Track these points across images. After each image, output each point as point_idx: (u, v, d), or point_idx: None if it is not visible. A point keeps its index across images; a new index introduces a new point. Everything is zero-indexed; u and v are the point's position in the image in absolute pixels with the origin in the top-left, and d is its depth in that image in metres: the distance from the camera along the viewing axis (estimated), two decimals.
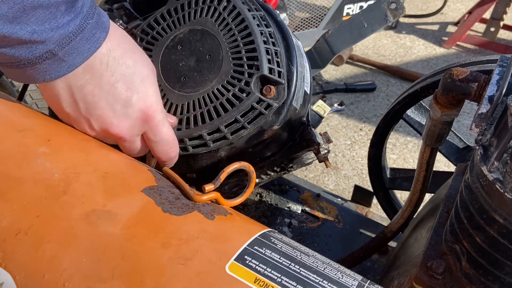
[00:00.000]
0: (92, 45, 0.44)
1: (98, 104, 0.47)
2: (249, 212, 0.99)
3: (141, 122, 0.50)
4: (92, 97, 0.47)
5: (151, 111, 0.50)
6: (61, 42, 0.42)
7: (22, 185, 0.39)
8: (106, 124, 0.49)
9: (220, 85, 0.57)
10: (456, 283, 0.46)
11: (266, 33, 0.59)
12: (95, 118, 0.48)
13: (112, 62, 0.46)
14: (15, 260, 0.35)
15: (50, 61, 0.43)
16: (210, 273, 0.35)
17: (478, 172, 0.41)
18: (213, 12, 0.59)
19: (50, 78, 0.45)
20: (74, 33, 0.43)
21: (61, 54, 0.43)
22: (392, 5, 0.76)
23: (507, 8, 3.02)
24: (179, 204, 0.41)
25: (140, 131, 0.51)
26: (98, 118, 0.48)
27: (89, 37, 0.44)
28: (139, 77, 0.49)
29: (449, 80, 0.47)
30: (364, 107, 2.49)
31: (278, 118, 0.58)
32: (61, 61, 0.43)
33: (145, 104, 0.49)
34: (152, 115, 0.50)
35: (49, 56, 0.42)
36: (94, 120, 0.48)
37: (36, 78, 0.45)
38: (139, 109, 0.49)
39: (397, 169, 1.05)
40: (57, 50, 0.42)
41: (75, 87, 0.46)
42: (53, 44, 0.42)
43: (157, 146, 0.52)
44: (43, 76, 0.44)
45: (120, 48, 0.48)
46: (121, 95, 0.47)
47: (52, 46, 0.42)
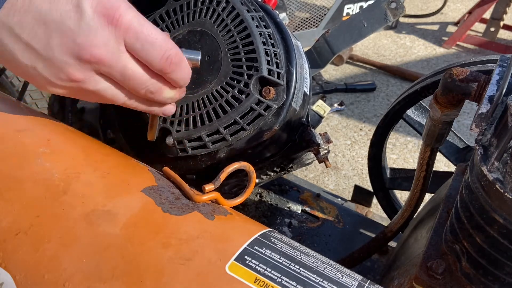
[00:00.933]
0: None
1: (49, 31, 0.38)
2: (249, 212, 0.99)
3: (109, 30, 0.39)
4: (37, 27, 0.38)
5: (113, 9, 0.39)
6: None
7: (22, 185, 0.39)
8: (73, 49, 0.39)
9: (219, 87, 0.57)
10: (456, 283, 0.46)
11: (265, 34, 0.59)
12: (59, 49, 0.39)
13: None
14: (15, 260, 0.35)
15: None
16: (210, 273, 0.35)
17: (478, 172, 0.41)
18: (212, 13, 0.59)
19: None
20: None
21: None
22: (392, 4, 0.76)
23: (507, 8, 3.02)
24: (179, 204, 0.41)
25: (118, 43, 0.40)
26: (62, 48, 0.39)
27: None
28: None
29: (449, 80, 0.47)
30: (364, 107, 2.49)
31: (277, 119, 0.58)
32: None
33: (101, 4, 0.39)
34: (116, 13, 0.39)
35: None
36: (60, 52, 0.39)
37: None
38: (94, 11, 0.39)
39: (397, 169, 1.05)
40: None
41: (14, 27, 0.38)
42: None
43: (147, 53, 0.41)
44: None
45: None
46: (66, 6, 0.38)
47: None
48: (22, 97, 0.72)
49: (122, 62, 0.41)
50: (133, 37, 0.41)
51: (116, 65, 0.41)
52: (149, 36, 0.41)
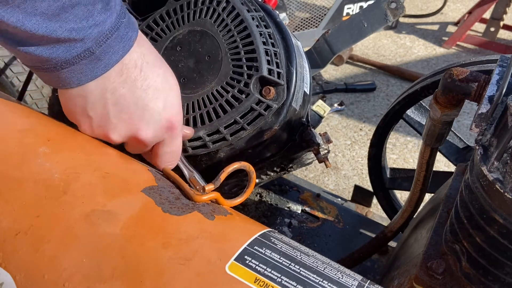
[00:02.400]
0: (126, 43, 0.44)
1: (128, 108, 0.46)
2: (249, 212, 0.99)
3: (165, 131, 0.49)
4: (123, 101, 0.46)
5: (176, 121, 0.50)
6: (98, 40, 0.42)
7: (22, 185, 0.39)
8: (134, 129, 0.48)
9: (220, 86, 0.57)
10: (456, 283, 0.46)
11: (265, 34, 0.59)
12: (123, 122, 0.47)
13: (146, 67, 0.46)
14: (15, 260, 0.35)
15: (87, 60, 0.42)
16: (210, 273, 0.35)
17: (478, 172, 0.41)
18: (212, 13, 0.59)
19: (86, 80, 0.44)
20: (110, 30, 0.42)
21: (98, 52, 0.42)
22: (392, 4, 0.76)
23: (507, 8, 3.02)
24: (179, 204, 0.41)
25: (160, 138, 0.50)
26: (126, 123, 0.47)
27: (123, 35, 0.43)
28: (168, 86, 0.49)
29: (449, 80, 0.47)
30: (364, 107, 2.49)
31: (277, 119, 0.58)
32: (97, 60, 0.43)
33: (171, 113, 0.49)
34: (176, 125, 0.50)
35: (86, 55, 0.42)
36: (122, 124, 0.47)
37: (71, 81, 0.44)
38: (166, 117, 0.48)
39: (397, 169, 1.05)
40: (95, 48, 0.42)
41: (108, 90, 0.45)
42: (91, 42, 0.41)
43: (166, 155, 0.52)
44: (78, 79, 0.43)
45: (151, 54, 0.47)
46: (151, 102, 0.47)
47: (90, 44, 0.41)
48: (22, 97, 0.72)
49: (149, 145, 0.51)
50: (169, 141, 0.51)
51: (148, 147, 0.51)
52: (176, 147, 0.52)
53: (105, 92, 0.45)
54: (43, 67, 0.43)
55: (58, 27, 0.39)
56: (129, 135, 0.49)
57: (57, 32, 0.39)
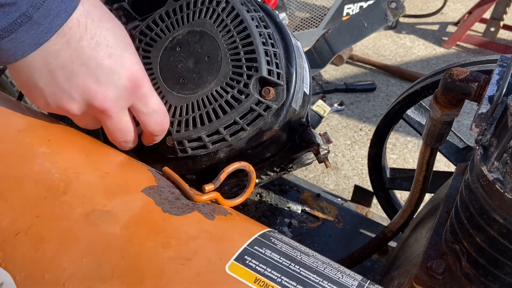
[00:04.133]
0: (68, 4, 0.40)
1: (78, 71, 0.42)
2: (249, 212, 0.99)
3: (128, 92, 0.45)
4: (71, 64, 0.42)
5: (139, 79, 0.45)
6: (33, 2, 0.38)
7: (22, 185, 0.39)
8: (89, 94, 0.43)
9: (219, 87, 0.57)
10: (456, 283, 0.46)
11: (265, 34, 0.59)
12: (76, 88, 0.43)
13: (91, 24, 0.42)
14: (15, 260, 0.35)
15: (25, 26, 0.39)
16: (210, 273, 0.35)
17: (478, 172, 0.41)
18: (211, 13, 0.59)
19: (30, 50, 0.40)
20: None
21: (36, 16, 0.39)
22: (392, 4, 0.76)
23: (507, 8, 3.02)
24: (179, 204, 0.41)
25: (127, 103, 0.46)
26: (80, 88, 0.43)
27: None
28: (121, 43, 0.44)
29: (449, 80, 0.47)
30: (364, 107, 2.49)
31: (277, 119, 0.58)
32: (37, 25, 0.39)
33: (131, 71, 0.45)
34: (140, 83, 0.46)
35: (24, 20, 0.38)
36: (75, 91, 0.43)
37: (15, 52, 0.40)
38: (125, 76, 0.44)
39: (397, 169, 1.05)
40: (31, 11, 0.38)
41: (50, 54, 0.41)
42: (25, 5, 0.38)
43: (149, 118, 0.48)
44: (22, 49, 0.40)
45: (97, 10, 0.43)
46: (104, 61, 0.43)
47: (25, 7, 0.38)
48: (22, 97, 0.72)
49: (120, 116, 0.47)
50: (142, 105, 0.47)
51: (114, 117, 0.46)
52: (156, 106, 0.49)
53: (47, 57, 0.41)
54: None
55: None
56: (87, 102, 0.44)
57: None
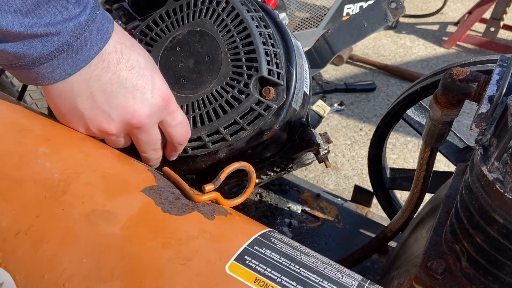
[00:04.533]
0: (103, 35, 0.45)
1: (117, 92, 0.46)
2: (249, 212, 0.99)
3: (160, 109, 0.49)
4: (110, 86, 0.46)
5: (168, 97, 0.50)
6: (75, 33, 0.42)
7: (22, 185, 0.39)
8: (127, 112, 0.47)
9: (219, 87, 0.57)
10: (456, 283, 0.46)
11: (265, 34, 0.59)
12: (116, 108, 0.47)
13: (125, 49, 0.47)
14: (15, 260, 0.35)
15: (65, 54, 0.43)
16: (210, 273, 0.35)
17: (478, 172, 0.41)
18: (212, 13, 0.59)
19: (67, 74, 0.44)
20: (86, 23, 0.43)
21: (76, 45, 0.43)
22: (392, 4, 0.76)
23: (507, 8, 3.02)
24: (179, 204, 0.41)
25: (158, 118, 0.50)
26: (119, 108, 0.47)
27: (99, 27, 0.44)
28: (150, 65, 0.49)
29: (449, 80, 0.47)
30: (364, 107, 2.49)
31: (277, 119, 0.58)
32: (76, 53, 0.43)
33: (162, 90, 0.49)
34: (170, 100, 0.50)
35: (64, 49, 0.42)
36: (115, 110, 0.47)
37: (51, 76, 0.44)
38: (157, 95, 0.49)
39: (397, 169, 1.05)
40: (72, 41, 0.42)
41: (92, 78, 0.45)
42: (68, 35, 0.42)
43: (176, 130, 0.53)
44: (58, 73, 0.44)
45: (127, 37, 0.48)
46: (139, 81, 0.47)
47: (67, 37, 0.42)
48: (22, 97, 0.72)
49: (152, 130, 0.51)
50: (171, 118, 0.52)
51: (148, 132, 0.51)
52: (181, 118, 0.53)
53: (89, 81, 0.45)
54: (20, 64, 0.43)
55: (33, 23, 0.40)
56: (125, 121, 0.48)
57: (33, 28, 0.40)
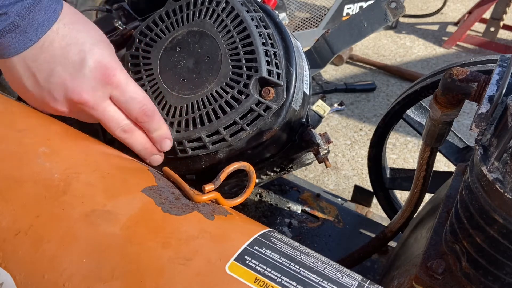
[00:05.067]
0: (51, 15, 0.46)
1: (54, 70, 0.48)
2: (249, 212, 0.99)
3: (102, 83, 0.49)
4: (47, 65, 0.48)
5: (110, 69, 0.49)
6: (21, 13, 0.44)
7: (22, 185, 0.39)
8: (66, 89, 0.48)
9: (219, 87, 0.57)
10: (456, 283, 0.46)
11: (265, 34, 0.59)
12: (55, 86, 0.48)
13: (62, 28, 0.48)
14: (15, 260, 0.35)
15: (13, 33, 0.45)
16: (210, 273, 0.35)
17: (478, 172, 0.41)
18: (211, 13, 0.59)
19: (15, 52, 0.46)
20: (32, 3, 0.45)
21: (22, 25, 0.45)
22: (392, 4, 0.76)
23: (507, 8, 3.02)
24: (179, 204, 0.41)
25: (104, 93, 0.50)
26: (58, 86, 0.48)
27: (46, 7, 0.46)
28: (92, 39, 0.49)
29: (449, 80, 0.47)
30: (364, 107, 2.49)
31: (277, 119, 0.58)
32: (23, 32, 0.45)
33: (100, 63, 0.49)
34: (112, 72, 0.49)
35: (11, 28, 0.45)
36: (54, 89, 0.49)
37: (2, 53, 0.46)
38: (95, 67, 0.48)
39: (397, 169, 1.05)
40: (19, 21, 0.45)
41: (29, 58, 0.47)
42: (14, 16, 0.44)
43: (129, 106, 0.51)
44: (8, 52, 0.46)
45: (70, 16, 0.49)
46: (75, 56, 0.48)
47: (14, 17, 0.44)
48: None
49: (103, 106, 0.50)
50: (119, 93, 0.51)
51: (97, 108, 0.50)
52: (132, 93, 0.51)
53: (27, 62, 0.48)
54: None
55: None
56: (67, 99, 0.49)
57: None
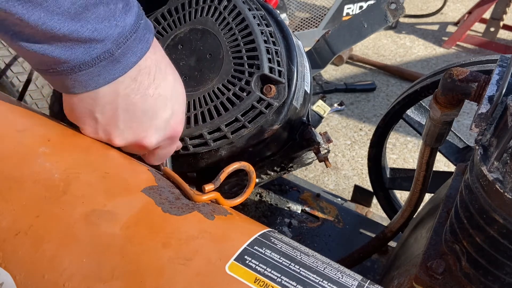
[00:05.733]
0: (143, 45, 0.42)
1: (138, 116, 0.46)
2: (249, 212, 0.99)
3: (168, 139, 0.50)
4: (134, 108, 0.45)
5: (179, 130, 0.50)
6: (118, 41, 0.40)
7: (22, 185, 0.39)
8: (139, 135, 0.47)
9: (221, 84, 0.57)
10: (456, 283, 0.46)
11: (266, 32, 0.59)
12: (130, 129, 0.46)
13: (158, 75, 0.45)
14: (15, 260, 0.35)
15: (105, 62, 0.40)
16: (210, 273, 0.35)
17: (478, 172, 0.41)
18: (213, 11, 0.59)
19: (103, 83, 0.42)
20: (130, 32, 0.41)
21: (117, 54, 0.40)
22: (392, 5, 0.76)
23: (507, 8, 3.02)
24: (179, 204, 0.41)
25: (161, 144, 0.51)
26: (133, 131, 0.47)
27: (141, 37, 0.42)
28: (176, 94, 0.48)
29: (449, 80, 0.47)
30: (364, 107, 2.49)
31: (278, 117, 0.58)
32: (116, 62, 0.41)
33: (177, 121, 0.49)
34: (179, 133, 0.50)
35: (106, 57, 0.40)
36: (129, 131, 0.47)
37: (87, 84, 0.42)
38: (172, 126, 0.49)
39: (397, 169, 1.05)
40: (115, 49, 0.40)
41: (121, 95, 0.44)
42: (111, 43, 0.40)
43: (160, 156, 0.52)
44: (95, 81, 0.42)
45: (164, 60, 0.47)
46: (160, 111, 0.47)
47: (110, 45, 0.40)
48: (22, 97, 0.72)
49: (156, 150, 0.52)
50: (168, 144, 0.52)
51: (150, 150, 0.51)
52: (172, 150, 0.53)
53: (117, 97, 0.44)
54: (58, 70, 0.40)
55: (80, 27, 0.37)
56: (133, 141, 0.48)
57: (79, 32, 0.37)
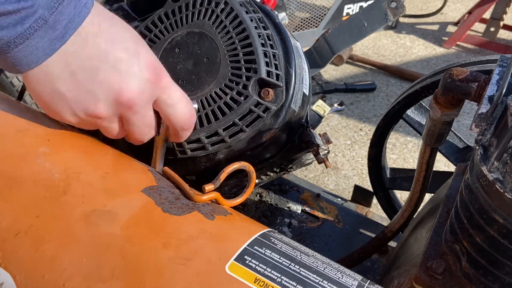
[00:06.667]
0: (81, 9, 0.40)
1: (99, 67, 0.42)
2: (249, 212, 0.99)
3: (151, 84, 0.44)
4: (90, 61, 0.41)
5: (159, 70, 0.45)
6: (49, 5, 0.38)
7: (22, 185, 0.39)
8: (113, 89, 0.43)
9: (218, 88, 0.57)
10: (456, 283, 0.46)
11: (264, 35, 0.59)
12: (100, 85, 0.42)
13: (104, 23, 0.42)
14: (15, 260, 0.35)
15: (41, 31, 0.38)
16: (210, 273, 0.35)
17: (478, 172, 0.41)
18: (210, 14, 0.59)
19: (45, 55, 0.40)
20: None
21: (51, 20, 0.38)
22: (392, 4, 0.76)
23: (507, 8, 3.02)
24: (179, 204, 0.41)
25: (151, 96, 0.45)
26: (103, 84, 0.42)
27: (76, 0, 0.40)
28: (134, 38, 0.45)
29: (449, 80, 0.47)
30: (364, 107, 2.49)
31: (276, 120, 0.58)
32: (52, 29, 0.39)
33: (151, 63, 0.44)
34: (161, 74, 0.45)
35: (40, 24, 0.38)
36: (99, 88, 0.42)
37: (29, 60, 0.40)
38: (145, 68, 0.44)
39: (397, 169, 1.05)
40: (47, 15, 0.38)
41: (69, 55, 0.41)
42: (42, 9, 0.38)
43: (176, 110, 0.47)
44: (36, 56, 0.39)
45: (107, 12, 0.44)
46: (122, 54, 0.42)
47: (41, 11, 0.38)
48: (22, 97, 0.72)
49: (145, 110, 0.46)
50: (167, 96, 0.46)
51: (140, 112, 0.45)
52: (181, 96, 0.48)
53: (67, 58, 0.41)
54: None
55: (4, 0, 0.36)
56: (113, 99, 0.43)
57: (4, 5, 0.36)
